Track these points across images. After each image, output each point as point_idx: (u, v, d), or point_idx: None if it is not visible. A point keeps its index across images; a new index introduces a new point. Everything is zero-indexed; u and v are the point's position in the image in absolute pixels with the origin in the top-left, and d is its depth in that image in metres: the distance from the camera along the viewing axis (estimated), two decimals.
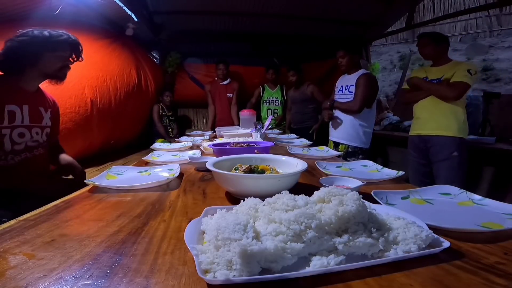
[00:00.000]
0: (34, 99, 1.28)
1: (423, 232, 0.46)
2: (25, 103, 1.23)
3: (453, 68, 1.92)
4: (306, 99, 3.22)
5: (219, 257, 0.40)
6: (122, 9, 2.64)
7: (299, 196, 0.52)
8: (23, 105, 1.22)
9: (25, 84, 1.25)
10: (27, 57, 1.21)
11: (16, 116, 1.19)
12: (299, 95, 3.27)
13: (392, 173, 1.01)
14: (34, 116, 1.26)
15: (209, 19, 3.69)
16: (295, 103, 3.32)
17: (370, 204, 0.58)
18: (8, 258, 0.45)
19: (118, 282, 0.39)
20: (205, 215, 0.56)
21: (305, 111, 3.24)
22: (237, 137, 1.89)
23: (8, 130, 1.17)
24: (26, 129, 1.24)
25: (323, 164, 1.12)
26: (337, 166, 1.15)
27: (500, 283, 0.38)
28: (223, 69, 3.50)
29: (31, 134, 1.26)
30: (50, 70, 1.26)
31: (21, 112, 1.21)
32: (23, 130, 1.22)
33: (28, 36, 1.20)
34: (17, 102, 1.20)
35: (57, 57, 1.26)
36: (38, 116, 1.29)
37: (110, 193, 0.83)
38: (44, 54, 1.22)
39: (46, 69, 1.25)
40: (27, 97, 1.25)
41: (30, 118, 1.25)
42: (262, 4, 3.30)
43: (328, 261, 0.41)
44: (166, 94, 3.61)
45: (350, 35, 4.05)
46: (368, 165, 1.17)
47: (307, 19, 3.71)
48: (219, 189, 0.86)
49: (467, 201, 0.71)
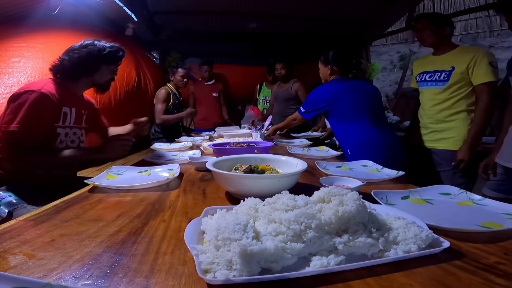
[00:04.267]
0: (79, 102, 1.37)
1: (423, 232, 0.46)
2: (73, 105, 1.31)
3: (463, 56, 1.58)
4: (290, 98, 2.88)
5: (219, 257, 0.40)
6: (122, 9, 2.63)
7: (299, 196, 0.52)
8: (72, 107, 1.30)
9: (76, 89, 1.34)
10: (88, 68, 1.30)
11: (67, 117, 1.28)
12: (282, 92, 2.94)
13: (392, 173, 1.00)
14: (77, 118, 1.35)
15: (209, 19, 3.70)
16: (277, 101, 2.99)
17: (370, 204, 0.58)
18: (8, 258, 0.45)
19: (118, 282, 0.39)
20: (205, 215, 0.56)
21: (287, 112, 2.77)
22: (237, 137, 1.89)
23: (62, 129, 1.26)
24: (70, 130, 1.32)
25: (323, 164, 1.12)
26: (337, 166, 1.15)
27: (500, 283, 0.38)
28: (208, 70, 3.47)
29: (72, 134, 1.33)
30: (101, 81, 1.37)
31: (70, 114, 1.29)
32: (68, 131, 1.30)
33: (94, 48, 1.29)
34: (69, 104, 1.28)
35: (110, 70, 1.37)
36: (80, 118, 1.37)
37: (110, 193, 0.83)
38: (101, 67, 1.33)
39: (99, 80, 1.36)
40: (75, 100, 1.33)
41: (75, 120, 1.33)
42: (262, 4, 3.30)
43: (328, 261, 0.41)
44: (179, 72, 2.80)
45: (350, 35, 4.05)
46: (368, 165, 1.16)
47: (307, 19, 3.72)
48: (219, 189, 0.86)
49: (467, 201, 0.71)
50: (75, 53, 1.27)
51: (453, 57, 1.63)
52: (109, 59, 1.33)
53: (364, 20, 3.84)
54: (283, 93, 2.93)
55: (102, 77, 1.36)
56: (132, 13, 2.77)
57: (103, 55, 1.30)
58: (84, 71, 1.30)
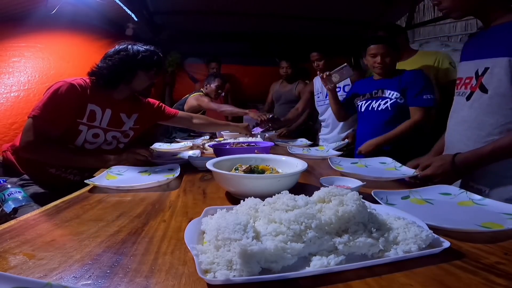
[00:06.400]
0: (118, 105, 1.29)
1: (423, 232, 0.46)
2: (108, 107, 1.25)
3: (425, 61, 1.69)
4: (293, 100, 2.65)
5: (219, 257, 0.40)
6: (122, 9, 2.63)
7: (299, 196, 0.52)
8: (106, 108, 1.24)
9: (115, 95, 1.28)
10: (125, 75, 1.24)
11: (96, 117, 1.22)
12: (285, 93, 2.75)
13: (409, 172, 0.97)
14: (113, 121, 1.28)
15: (209, 19, 3.69)
16: (279, 102, 2.79)
17: (370, 204, 0.58)
18: (8, 258, 0.45)
19: (118, 282, 0.39)
20: (205, 215, 0.56)
21: None
22: (237, 137, 1.89)
23: (85, 127, 1.20)
24: (102, 131, 1.25)
25: (337, 160, 1.08)
26: (352, 163, 1.08)
27: (500, 283, 0.38)
28: (216, 67, 3.36)
29: (105, 137, 1.27)
30: (140, 88, 1.29)
31: (101, 114, 1.23)
32: (98, 131, 1.24)
33: (127, 54, 1.22)
34: (100, 104, 1.22)
35: (148, 76, 1.28)
36: (117, 122, 1.30)
37: (110, 193, 0.83)
38: (138, 73, 1.25)
39: (137, 87, 1.29)
40: (112, 103, 1.27)
41: (110, 122, 1.26)
42: (263, 4, 3.30)
43: (328, 261, 0.41)
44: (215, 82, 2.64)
45: (350, 35, 4.04)
46: (387, 162, 1.10)
47: (307, 19, 3.71)
48: (219, 189, 0.86)
49: (467, 201, 0.71)
50: (109, 60, 1.22)
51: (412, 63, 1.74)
52: (145, 65, 1.25)
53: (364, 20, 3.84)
54: (286, 94, 2.76)
55: (141, 84, 1.28)
56: (132, 13, 2.76)
57: (138, 60, 1.23)
58: (121, 79, 1.24)
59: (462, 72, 1.04)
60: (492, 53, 0.91)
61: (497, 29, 0.92)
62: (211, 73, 2.91)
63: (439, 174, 0.90)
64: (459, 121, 1.00)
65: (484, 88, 0.92)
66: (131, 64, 1.22)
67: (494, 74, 0.89)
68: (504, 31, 0.89)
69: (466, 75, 1.01)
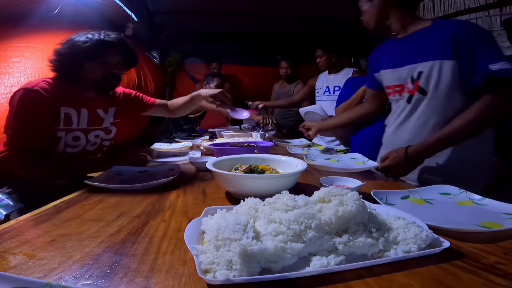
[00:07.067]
0: (92, 102, 1.18)
1: (423, 232, 0.46)
2: (83, 106, 1.14)
3: None
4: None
5: (219, 257, 0.40)
6: (122, 9, 2.63)
7: (299, 196, 0.52)
8: (81, 108, 1.13)
9: (79, 91, 1.16)
10: (71, 68, 1.12)
11: (72, 119, 1.12)
12: (284, 93, 2.75)
13: (373, 165, 1.08)
14: (92, 120, 1.18)
15: (209, 19, 3.69)
16: None
17: (370, 204, 0.58)
18: (8, 258, 0.45)
19: (118, 282, 0.39)
20: (205, 215, 0.56)
21: (288, 114, 2.69)
22: (237, 137, 1.89)
23: (63, 132, 1.10)
24: (82, 133, 1.16)
25: (311, 156, 1.14)
26: (325, 158, 1.18)
27: (500, 283, 0.38)
28: (217, 67, 3.34)
29: (87, 138, 1.18)
30: (92, 80, 1.14)
31: (77, 116, 1.13)
32: (78, 134, 1.14)
33: (69, 45, 1.11)
34: (73, 105, 1.12)
35: (97, 66, 1.12)
36: (96, 119, 1.20)
37: (110, 193, 0.83)
38: (84, 64, 1.11)
39: (88, 79, 1.14)
40: (85, 101, 1.16)
41: (89, 122, 1.16)
42: (263, 4, 3.30)
43: (328, 261, 0.41)
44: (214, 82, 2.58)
45: (350, 35, 4.04)
46: (357, 158, 1.20)
47: (307, 19, 3.71)
48: (219, 189, 0.86)
49: (467, 201, 0.71)
50: (56, 53, 1.11)
51: None
52: (89, 53, 1.08)
53: None
54: (285, 94, 2.77)
55: (90, 76, 1.13)
56: (132, 13, 2.76)
57: (80, 50, 1.08)
58: (71, 72, 1.11)
59: (388, 80, 1.12)
60: (422, 58, 0.99)
61: (416, 36, 1.02)
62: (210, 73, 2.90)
63: (395, 165, 0.98)
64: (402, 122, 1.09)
65: (423, 91, 1.00)
66: (74, 55, 1.09)
67: (430, 77, 0.98)
68: (425, 36, 0.99)
69: (394, 83, 1.10)
